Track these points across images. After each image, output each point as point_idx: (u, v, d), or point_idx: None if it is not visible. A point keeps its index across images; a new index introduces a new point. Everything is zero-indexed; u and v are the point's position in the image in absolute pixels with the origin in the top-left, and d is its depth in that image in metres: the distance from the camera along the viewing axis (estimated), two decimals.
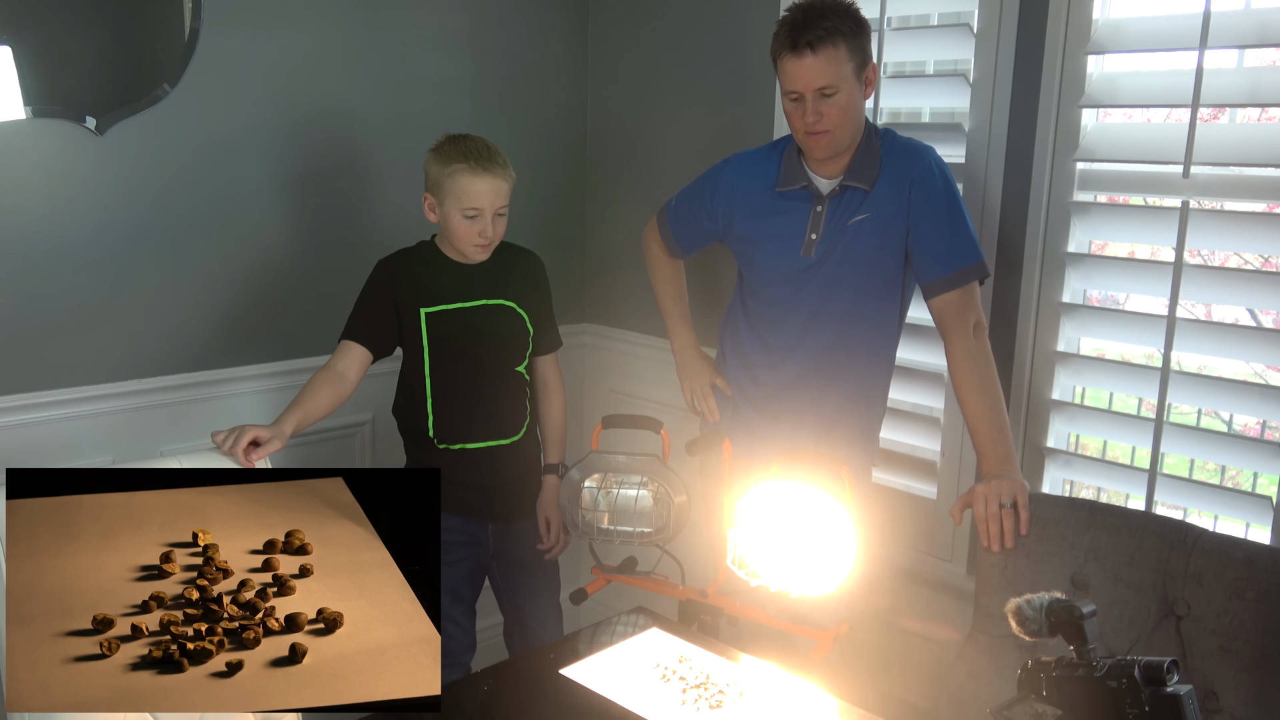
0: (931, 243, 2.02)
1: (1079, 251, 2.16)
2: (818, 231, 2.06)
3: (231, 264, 2.48)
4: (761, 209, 2.12)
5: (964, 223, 2.03)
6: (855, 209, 2.04)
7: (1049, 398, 2.20)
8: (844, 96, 1.95)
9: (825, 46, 1.91)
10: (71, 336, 2.28)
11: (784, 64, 1.95)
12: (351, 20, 2.58)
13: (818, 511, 1.64)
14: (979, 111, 2.22)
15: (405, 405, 2.27)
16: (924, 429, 2.41)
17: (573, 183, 3.11)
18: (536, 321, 2.29)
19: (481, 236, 2.14)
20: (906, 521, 2.43)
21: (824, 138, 1.98)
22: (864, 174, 2.04)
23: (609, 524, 1.97)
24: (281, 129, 2.51)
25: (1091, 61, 2.09)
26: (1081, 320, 2.17)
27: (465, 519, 2.26)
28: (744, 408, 2.21)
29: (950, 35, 2.29)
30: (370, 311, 2.19)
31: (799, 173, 2.08)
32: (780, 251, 2.10)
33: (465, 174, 2.10)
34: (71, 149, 2.22)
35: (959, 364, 2.00)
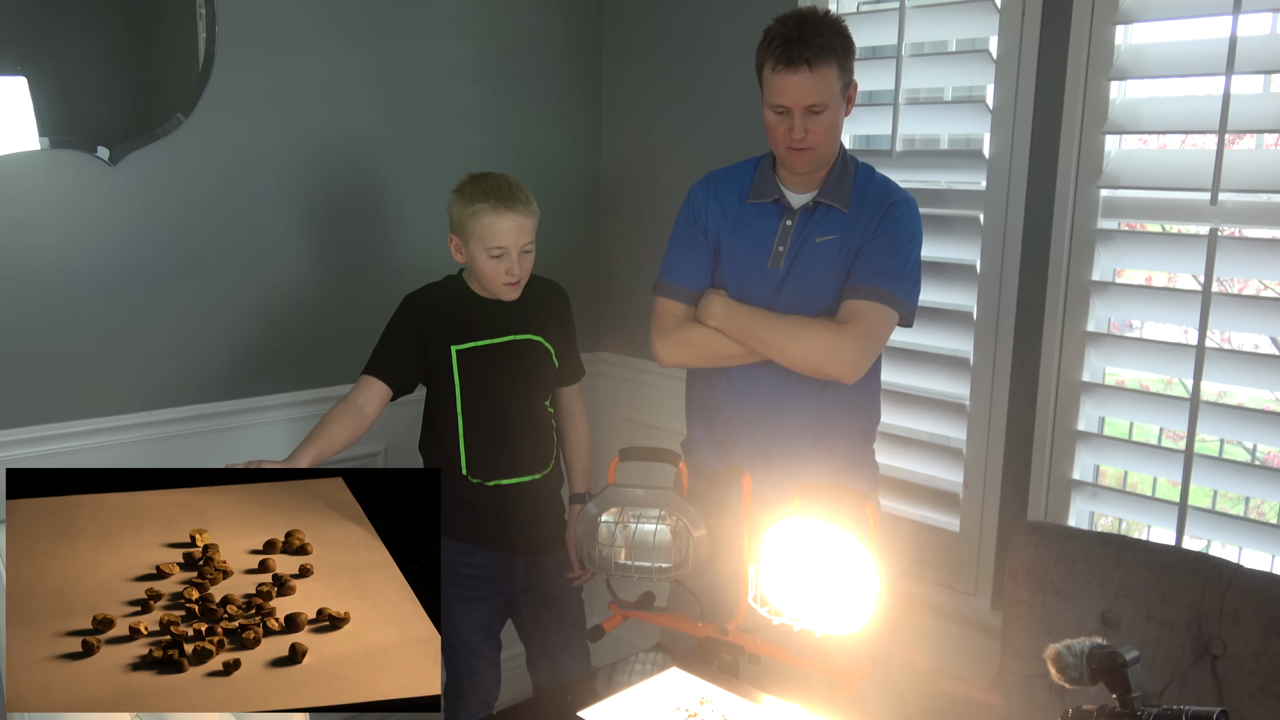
0: (870, 259, 1.98)
1: (1103, 279, 2.11)
2: (785, 244, 2.03)
3: (247, 295, 2.45)
4: (732, 218, 2.10)
5: (913, 266, 2.00)
6: (825, 227, 2.02)
7: (1074, 429, 2.14)
8: (830, 115, 1.93)
9: (821, 65, 1.89)
10: (86, 368, 2.24)
11: (775, 77, 1.92)
12: (367, 48, 2.56)
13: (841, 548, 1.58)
14: (999, 138, 2.17)
15: (434, 442, 2.23)
16: (946, 460, 2.35)
17: (588, 210, 3.08)
18: (562, 355, 2.27)
19: (509, 275, 2.11)
20: (929, 555, 2.37)
21: (807, 154, 1.96)
22: (838, 193, 2.02)
23: (626, 559, 1.91)
24: (297, 158, 2.48)
25: (1114, 87, 2.04)
26: (1106, 350, 2.11)
27: (496, 554, 2.24)
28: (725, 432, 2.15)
29: (969, 61, 2.25)
30: (396, 348, 2.15)
31: (771, 186, 2.06)
32: (748, 261, 2.06)
33: (488, 213, 2.07)
34: (84, 180, 2.19)
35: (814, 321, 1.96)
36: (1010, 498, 2.24)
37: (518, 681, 2.54)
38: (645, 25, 2.91)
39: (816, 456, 2.06)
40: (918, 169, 2.36)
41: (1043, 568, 1.87)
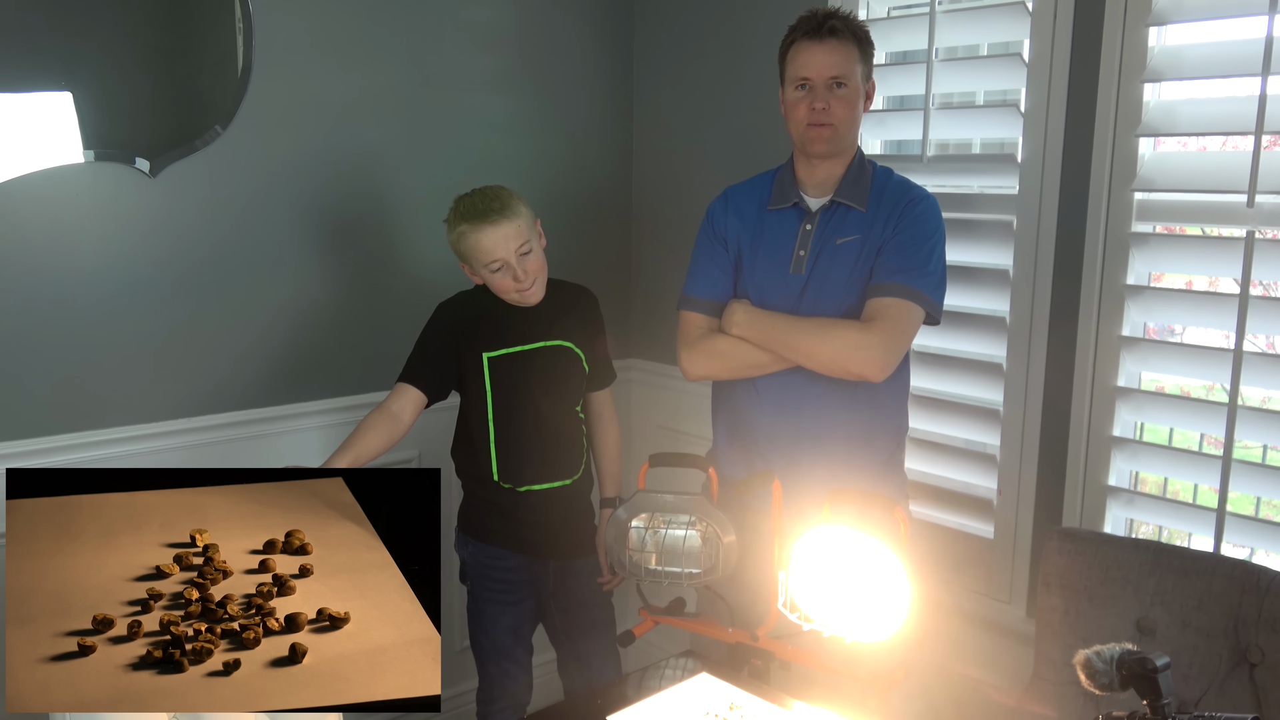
0: (894, 255, 1.97)
1: (1138, 284, 2.09)
2: (806, 248, 2.03)
3: (282, 303, 2.49)
4: (752, 228, 2.11)
5: (937, 261, 1.99)
6: (844, 228, 2.02)
7: (1110, 434, 2.12)
8: (851, 93, 1.97)
9: (844, 39, 1.96)
10: (124, 375, 2.28)
11: (799, 50, 1.98)
12: (401, 60, 2.59)
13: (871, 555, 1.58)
14: (1032, 142, 2.16)
15: (466, 448, 2.26)
16: (980, 466, 2.34)
17: (620, 219, 3.10)
18: (592, 360, 2.28)
19: (517, 282, 2.12)
20: (962, 561, 2.35)
21: (827, 130, 1.98)
22: (856, 192, 2.03)
23: (656, 564, 1.92)
24: (332, 169, 2.51)
25: (1148, 89, 2.03)
26: (1142, 354, 2.09)
27: (528, 558, 2.26)
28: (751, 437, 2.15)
29: (1001, 65, 2.25)
30: (430, 355, 2.18)
31: (790, 190, 2.07)
32: (770, 268, 2.07)
33: (471, 233, 2.09)
34: (125, 191, 2.24)
35: (836, 321, 1.95)
36: (1045, 504, 2.22)
37: (549, 686, 2.56)
38: (677, 33, 2.93)
39: (845, 462, 2.06)
40: (950, 174, 2.35)
41: (1076, 574, 1.86)
